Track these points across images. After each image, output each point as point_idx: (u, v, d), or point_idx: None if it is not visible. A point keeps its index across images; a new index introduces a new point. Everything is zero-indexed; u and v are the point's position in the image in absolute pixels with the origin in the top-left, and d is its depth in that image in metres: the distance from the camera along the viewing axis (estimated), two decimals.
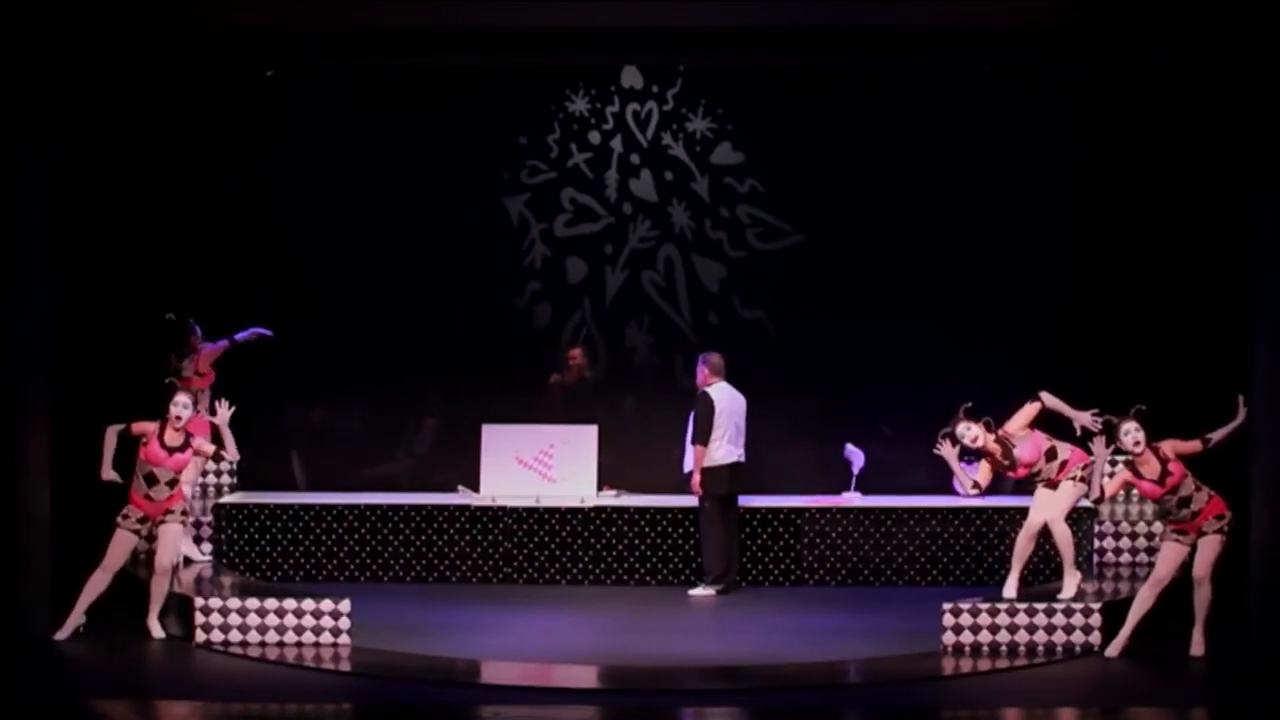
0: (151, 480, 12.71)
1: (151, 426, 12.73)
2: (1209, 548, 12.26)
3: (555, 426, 15.28)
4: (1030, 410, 13.02)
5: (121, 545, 12.77)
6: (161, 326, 14.86)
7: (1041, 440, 13.02)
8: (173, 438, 12.71)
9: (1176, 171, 14.98)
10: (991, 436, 13.02)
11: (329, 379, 16.00)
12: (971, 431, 13.02)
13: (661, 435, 15.20)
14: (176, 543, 12.89)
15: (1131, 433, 12.22)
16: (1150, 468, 12.23)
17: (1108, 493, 12.35)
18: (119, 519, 12.77)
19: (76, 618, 12.81)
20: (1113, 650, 12.38)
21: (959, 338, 15.57)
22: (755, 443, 14.95)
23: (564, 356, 15.84)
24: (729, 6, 14.04)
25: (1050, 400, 12.99)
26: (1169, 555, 12.35)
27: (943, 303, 15.66)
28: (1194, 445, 12.30)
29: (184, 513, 12.92)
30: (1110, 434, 12.35)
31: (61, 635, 12.75)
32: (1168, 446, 12.27)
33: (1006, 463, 13.00)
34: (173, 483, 12.76)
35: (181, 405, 12.71)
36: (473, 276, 15.92)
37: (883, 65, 15.51)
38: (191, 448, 12.77)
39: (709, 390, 14.47)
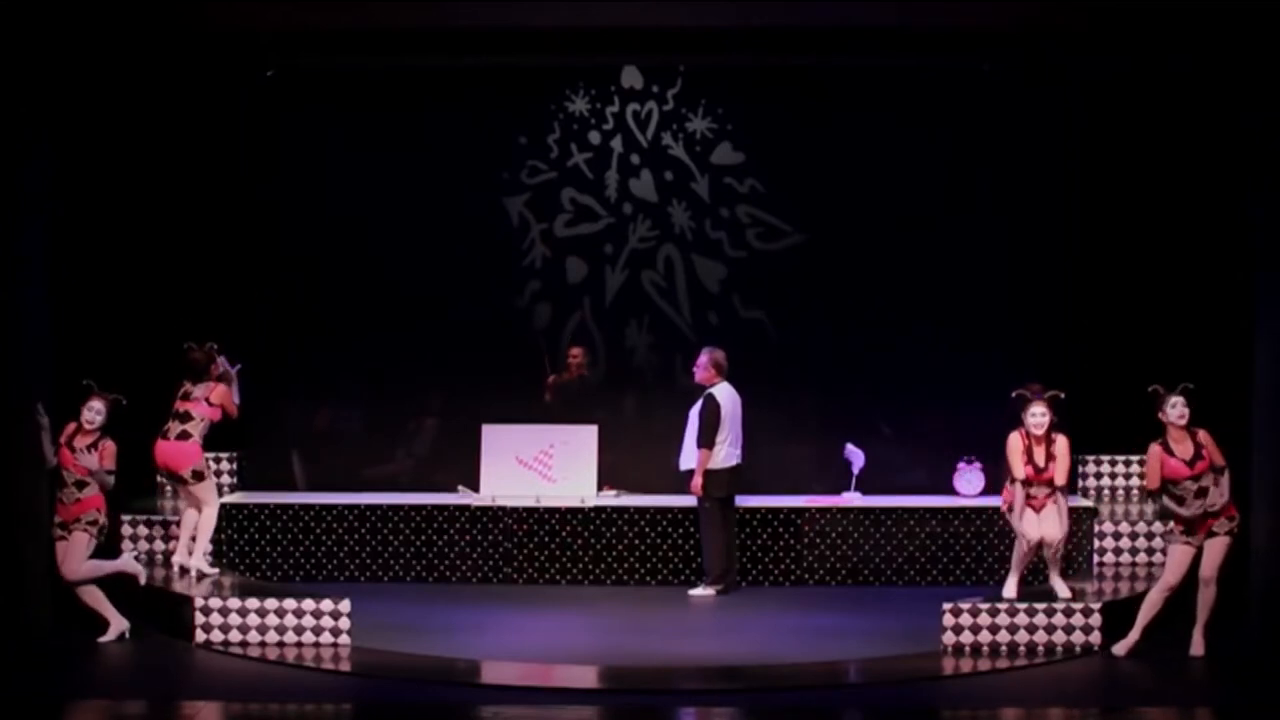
0: (62, 483, 12.72)
1: (70, 428, 12.74)
2: (1217, 549, 12.27)
3: (555, 426, 15.29)
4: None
5: (61, 554, 12.75)
6: (160, 327, 14.91)
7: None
8: (82, 440, 12.69)
9: (1177, 171, 14.99)
10: (1047, 431, 12.84)
11: (329, 379, 15.99)
12: (1041, 416, 12.87)
13: (661, 435, 15.20)
14: (81, 551, 12.71)
15: (1178, 406, 12.27)
16: (1184, 447, 12.24)
17: (1151, 482, 12.31)
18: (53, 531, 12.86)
19: (118, 623, 12.84)
20: (1120, 649, 12.36)
21: (959, 338, 15.57)
22: (755, 443, 14.95)
23: (563, 355, 15.84)
24: (729, 6, 14.03)
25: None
26: (1178, 559, 12.33)
27: (943, 303, 15.66)
28: (1219, 457, 12.29)
29: (91, 523, 12.72)
30: (1156, 404, 12.34)
31: (105, 639, 12.80)
32: (1204, 435, 12.28)
33: (1041, 464, 12.89)
34: (80, 484, 12.68)
35: (94, 410, 12.70)
36: (473, 276, 15.92)
37: (883, 65, 15.51)
38: (100, 451, 12.69)
39: (714, 392, 14.45)
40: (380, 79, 15.76)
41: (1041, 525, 12.91)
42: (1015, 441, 12.98)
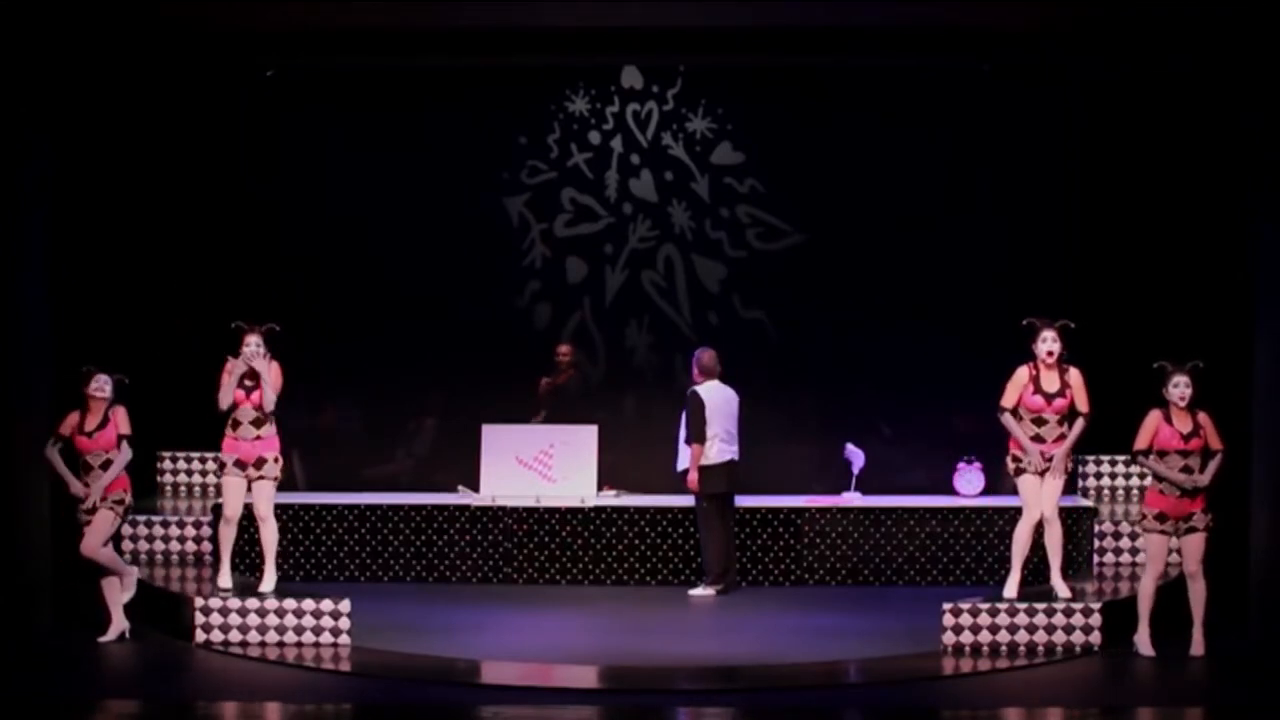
0: (86, 468, 12.66)
1: (73, 417, 12.69)
2: (1195, 544, 12.27)
3: (555, 426, 15.29)
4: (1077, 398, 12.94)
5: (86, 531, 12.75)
6: (160, 328, 14.93)
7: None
8: (92, 421, 12.64)
9: (1177, 171, 14.98)
10: (1059, 360, 12.79)
11: (329, 379, 15.99)
12: (1052, 344, 12.76)
13: (661, 435, 15.18)
14: (105, 530, 12.66)
15: (1181, 386, 12.22)
16: (1183, 422, 12.22)
17: (1140, 442, 12.30)
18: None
19: (119, 623, 12.83)
20: (1144, 648, 12.35)
21: (959, 338, 15.56)
22: (756, 443, 14.96)
23: (552, 354, 15.81)
24: (729, 6, 14.04)
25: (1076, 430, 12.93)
26: (1158, 547, 12.31)
27: (943, 303, 15.66)
28: (1217, 440, 12.28)
29: (118, 501, 12.69)
30: (1161, 378, 12.32)
31: (105, 639, 12.78)
32: (1204, 416, 12.27)
33: (1051, 391, 12.79)
34: (106, 465, 12.64)
35: (101, 381, 12.65)
36: (473, 277, 15.92)
37: (883, 65, 15.51)
38: (113, 421, 12.66)
39: (698, 389, 14.47)
40: (380, 79, 15.76)
41: (1043, 496, 12.82)
42: (1021, 372, 12.89)
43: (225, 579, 13.24)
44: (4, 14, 12.73)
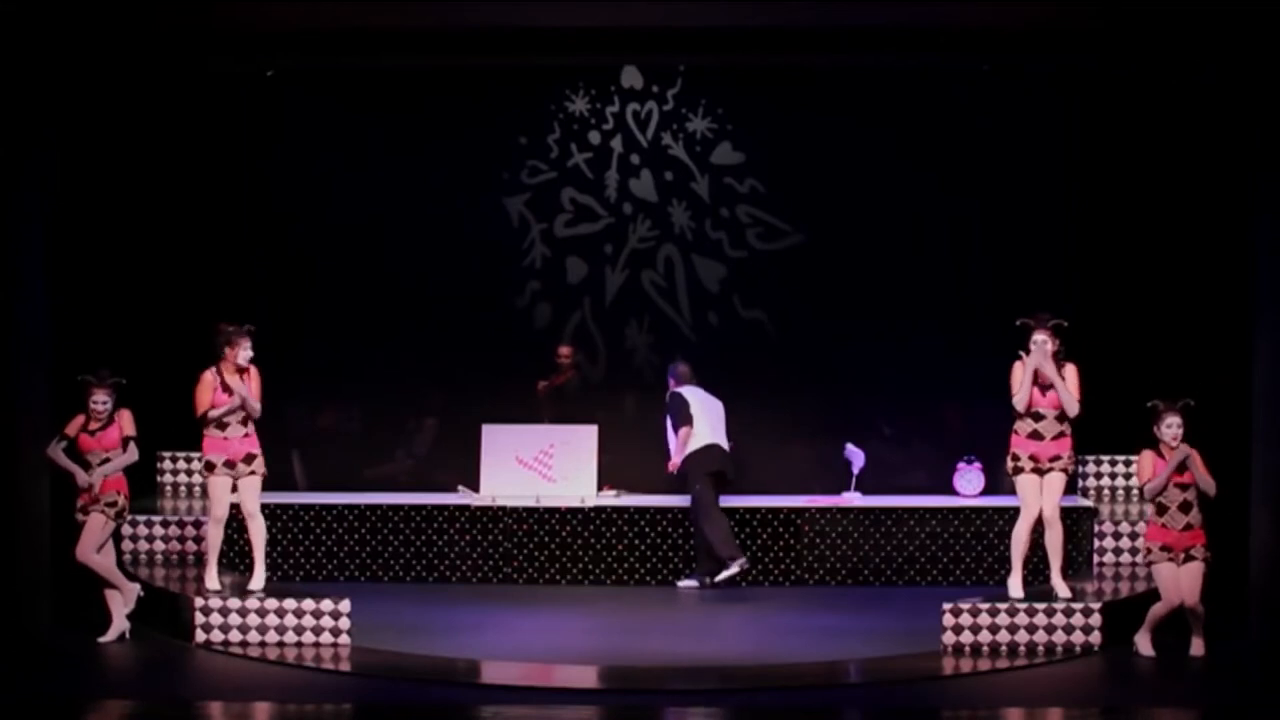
0: (85, 466, 12.69)
1: (80, 418, 12.72)
2: (1194, 576, 12.25)
3: (555, 426, 15.30)
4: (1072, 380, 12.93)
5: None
6: (160, 328, 14.93)
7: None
8: (96, 423, 12.69)
9: (1178, 172, 14.98)
10: (1054, 356, 12.81)
11: (329, 379, 16.00)
12: (1046, 343, 12.79)
13: (661, 435, 15.19)
14: (96, 534, 12.67)
15: (1174, 427, 12.25)
16: (1176, 459, 12.24)
17: (1140, 479, 12.34)
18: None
19: (119, 623, 12.83)
20: (1148, 650, 12.35)
21: (958, 338, 15.57)
22: (756, 443, 14.96)
23: (553, 356, 15.80)
24: (729, 6, 14.04)
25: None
26: (1167, 576, 12.30)
27: (942, 303, 15.66)
28: (1204, 474, 12.29)
29: (110, 504, 12.70)
30: (1153, 417, 12.32)
31: (105, 639, 12.78)
32: (1194, 455, 12.26)
33: (1048, 384, 12.81)
34: (104, 463, 12.69)
35: (100, 402, 12.69)
36: (473, 276, 15.92)
37: (883, 65, 15.51)
38: (116, 423, 12.70)
39: (679, 390, 14.73)
40: (380, 79, 15.76)
41: (1044, 496, 12.83)
42: (1018, 369, 12.91)
43: (212, 580, 13.18)
44: (5, 15, 12.73)
